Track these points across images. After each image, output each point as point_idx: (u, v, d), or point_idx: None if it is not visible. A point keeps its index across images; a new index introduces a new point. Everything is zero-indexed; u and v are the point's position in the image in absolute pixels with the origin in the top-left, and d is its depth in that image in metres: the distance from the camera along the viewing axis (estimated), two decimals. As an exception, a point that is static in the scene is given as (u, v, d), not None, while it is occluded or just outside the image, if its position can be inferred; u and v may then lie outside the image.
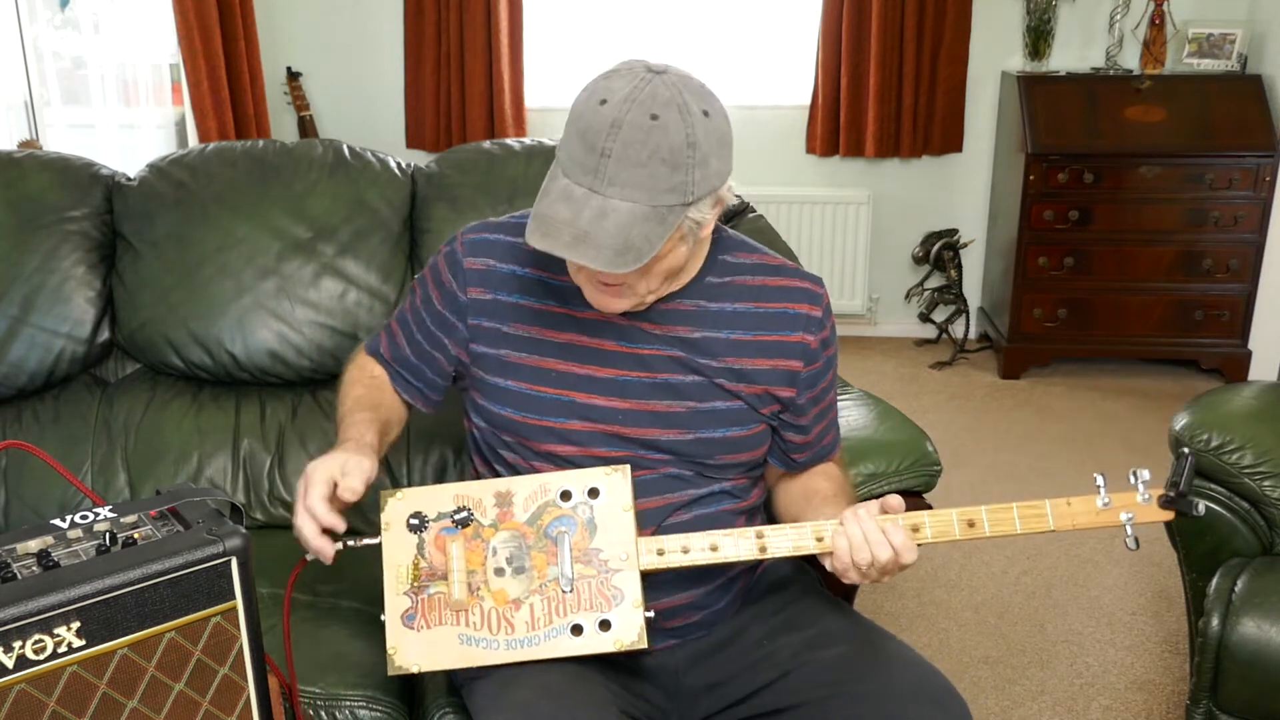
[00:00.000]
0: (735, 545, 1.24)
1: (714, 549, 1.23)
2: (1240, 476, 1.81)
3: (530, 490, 1.25)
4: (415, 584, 1.23)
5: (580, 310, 1.30)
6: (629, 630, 1.20)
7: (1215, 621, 1.69)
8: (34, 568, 0.88)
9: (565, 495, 1.25)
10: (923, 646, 2.41)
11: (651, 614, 1.21)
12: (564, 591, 1.21)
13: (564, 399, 1.30)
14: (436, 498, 1.26)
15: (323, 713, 1.35)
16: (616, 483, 1.24)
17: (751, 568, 1.41)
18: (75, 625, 0.86)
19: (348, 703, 1.36)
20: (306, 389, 1.89)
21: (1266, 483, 1.79)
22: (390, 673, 1.21)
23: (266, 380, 1.87)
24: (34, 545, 0.91)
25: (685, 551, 1.23)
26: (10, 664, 0.84)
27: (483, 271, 1.33)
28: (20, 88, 3.09)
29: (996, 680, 2.31)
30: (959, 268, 4.26)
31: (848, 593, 1.65)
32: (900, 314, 4.50)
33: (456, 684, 1.35)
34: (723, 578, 1.35)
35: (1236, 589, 1.70)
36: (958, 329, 4.36)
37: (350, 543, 1.24)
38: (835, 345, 1.40)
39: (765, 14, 4.34)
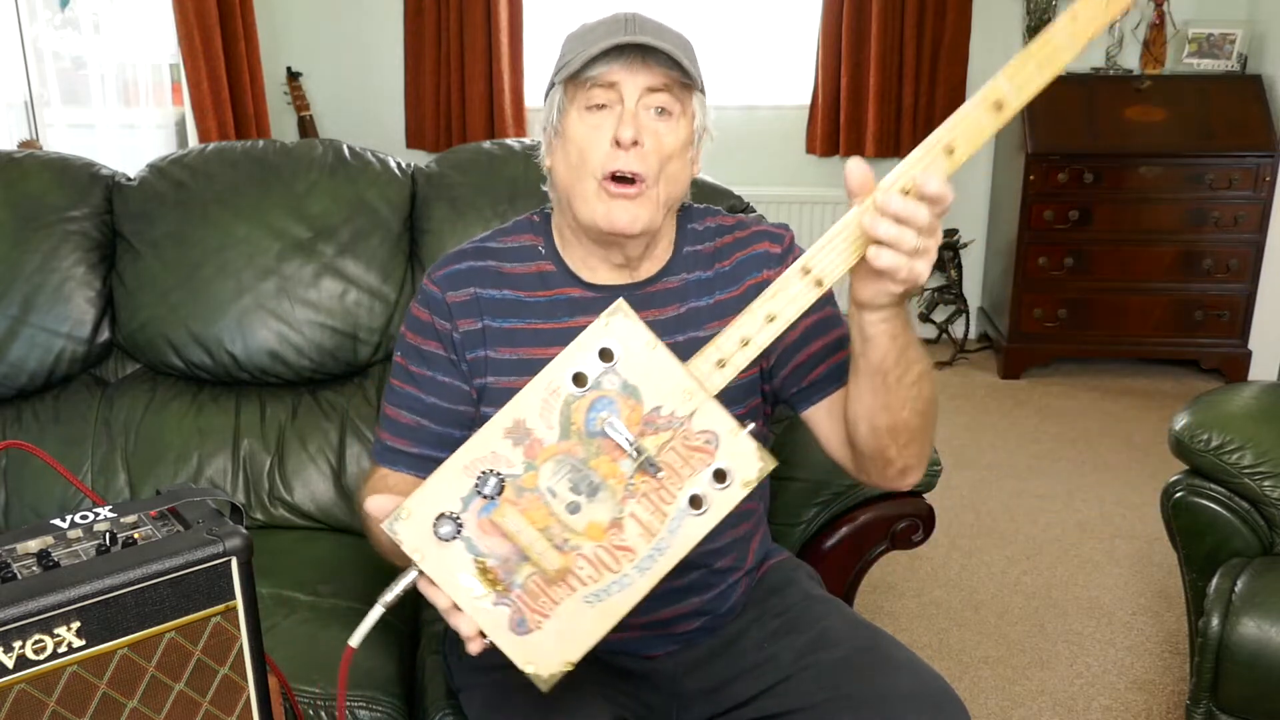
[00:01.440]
0: (790, 299, 1.03)
1: (771, 319, 1.03)
2: (1240, 476, 1.81)
3: (539, 404, 1.03)
4: (497, 586, 1.02)
5: (563, 321, 1.29)
6: (747, 463, 1.02)
7: (1215, 621, 1.69)
8: (34, 568, 0.88)
9: (578, 379, 1.02)
10: (923, 646, 2.41)
11: (752, 425, 1.03)
12: (656, 475, 1.02)
13: None
14: (447, 486, 1.03)
15: (323, 713, 1.35)
16: (623, 326, 1.03)
17: (752, 569, 1.40)
18: (75, 625, 0.86)
19: (347, 703, 1.36)
20: (306, 389, 1.89)
21: (1266, 483, 1.79)
22: (546, 690, 1.02)
23: (266, 380, 1.87)
24: (34, 545, 0.91)
25: (745, 344, 1.03)
26: (10, 664, 0.84)
27: (467, 302, 1.30)
28: (20, 88, 3.09)
29: (996, 680, 2.30)
30: (959, 268, 4.26)
31: (848, 593, 1.65)
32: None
33: (454, 688, 1.35)
34: (724, 584, 1.34)
35: (1236, 589, 1.70)
36: (958, 329, 4.36)
37: (388, 600, 1.04)
38: None
39: (765, 14, 4.34)
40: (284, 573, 1.61)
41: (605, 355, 1.02)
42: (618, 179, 1.20)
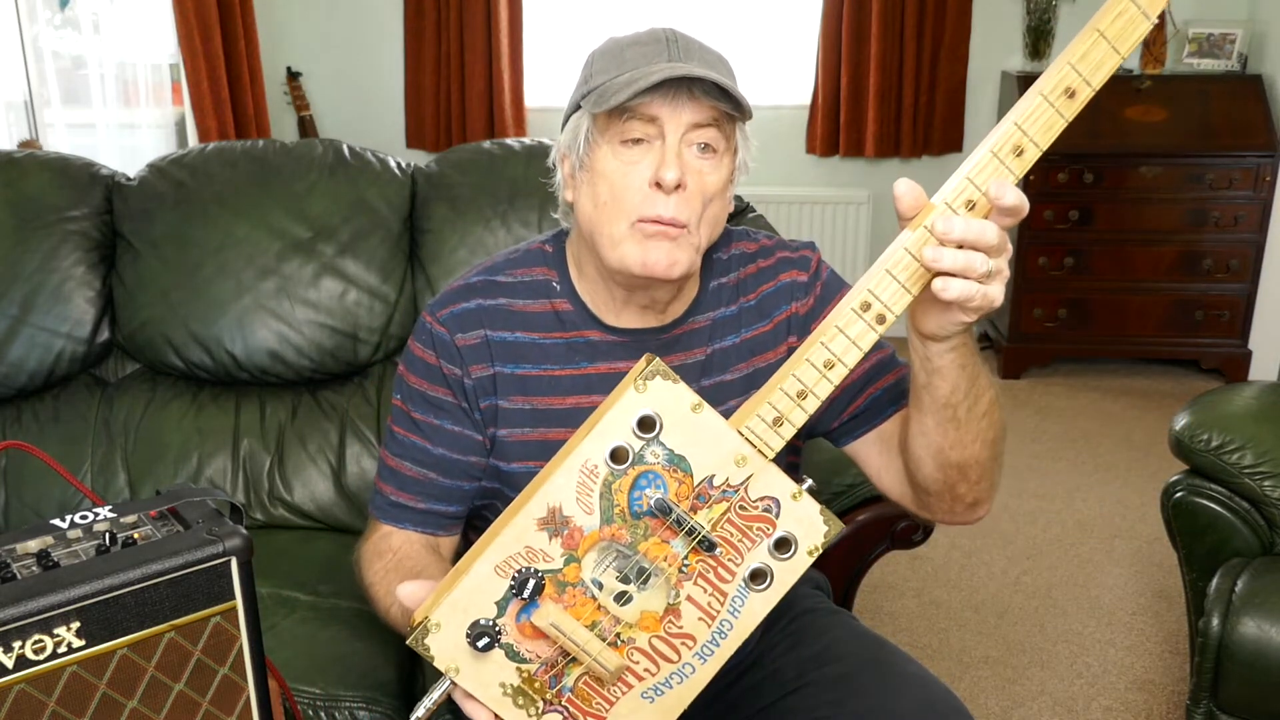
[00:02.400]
0: (850, 343, 0.91)
1: (830, 366, 0.91)
2: (1240, 476, 1.81)
3: (574, 486, 0.91)
4: (547, 695, 0.92)
5: (582, 367, 1.19)
6: (812, 529, 0.93)
7: (1215, 621, 1.69)
8: (34, 568, 0.88)
9: (617, 455, 0.90)
10: (923, 647, 2.41)
11: (810, 482, 0.94)
12: (712, 552, 0.92)
13: None
14: (479, 591, 0.90)
15: (322, 713, 1.35)
16: (661, 391, 0.90)
17: None
18: (75, 625, 0.86)
19: (347, 703, 1.36)
20: (306, 389, 1.89)
21: (1266, 483, 1.79)
22: None
23: (266, 380, 1.87)
24: (34, 545, 0.91)
25: (803, 397, 0.91)
26: (10, 664, 0.84)
27: (477, 345, 1.18)
28: (20, 88, 3.09)
29: (996, 680, 2.30)
30: (959, 268, 4.27)
31: (848, 592, 1.65)
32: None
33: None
34: None
35: (1236, 589, 1.70)
36: (958, 329, 4.37)
37: (419, 715, 0.94)
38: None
39: (765, 14, 4.34)
40: (284, 573, 1.62)
41: (645, 425, 0.90)
42: (655, 220, 1.09)
